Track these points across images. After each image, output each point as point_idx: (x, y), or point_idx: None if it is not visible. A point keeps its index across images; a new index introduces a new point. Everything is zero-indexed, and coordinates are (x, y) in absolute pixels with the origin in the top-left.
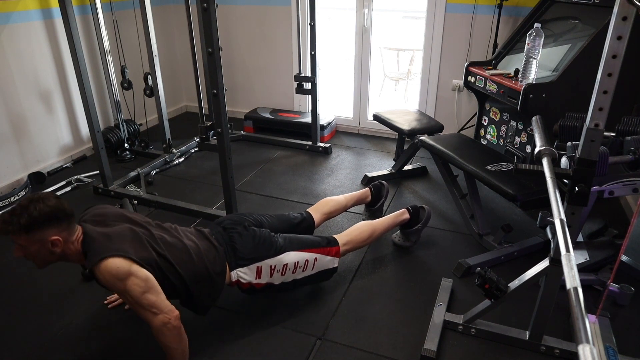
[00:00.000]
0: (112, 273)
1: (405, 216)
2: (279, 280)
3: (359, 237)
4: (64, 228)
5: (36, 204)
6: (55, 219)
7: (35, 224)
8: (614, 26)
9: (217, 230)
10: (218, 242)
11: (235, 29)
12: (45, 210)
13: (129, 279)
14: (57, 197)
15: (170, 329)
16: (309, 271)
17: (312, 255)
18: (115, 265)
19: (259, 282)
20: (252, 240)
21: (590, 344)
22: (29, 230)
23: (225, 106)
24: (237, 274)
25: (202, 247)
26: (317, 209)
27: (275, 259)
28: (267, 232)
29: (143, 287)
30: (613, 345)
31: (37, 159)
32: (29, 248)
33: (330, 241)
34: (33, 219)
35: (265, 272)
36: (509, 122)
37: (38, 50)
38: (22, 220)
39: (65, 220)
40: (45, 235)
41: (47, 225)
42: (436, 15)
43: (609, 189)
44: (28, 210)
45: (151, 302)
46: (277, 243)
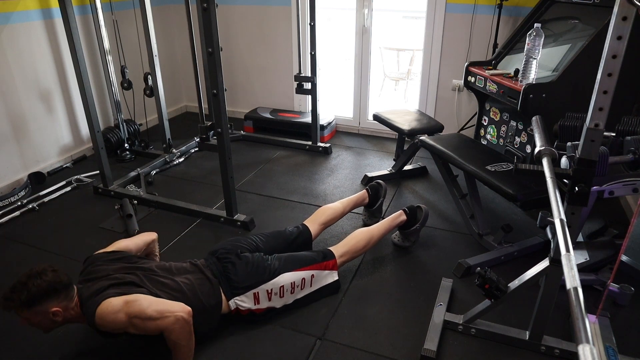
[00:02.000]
0: (108, 311)
1: (402, 218)
2: (279, 303)
3: (355, 246)
4: (62, 299)
5: (34, 280)
6: (53, 292)
7: (35, 300)
8: (614, 26)
9: (211, 262)
10: (212, 273)
11: (235, 29)
12: (43, 285)
13: (127, 306)
14: (54, 270)
15: (183, 325)
16: (307, 289)
17: (308, 273)
18: (108, 304)
19: (259, 307)
20: (245, 268)
21: (590, 344)
22: (30, 306)
23: (225, 106)
24: (235, 303)
25: (195, 283)
26: (314, 220)
27: (270, 282)
28: (259, 257)
29: (145, 303)
30: (613, 345)
31: (37, 159)
32: (32, 320)
33: (326, 255)
34: (32, 296)
35: (263, 297)
36: (509, 122)
37: (38, 50)
38: (23, 297)
39: (63, 292)
40: (45, 308)
41: (46, 299)
42: (436, 15)
43: (609, 189)
44: (27, 287)
45: (159, 310)
46: (271, 266)
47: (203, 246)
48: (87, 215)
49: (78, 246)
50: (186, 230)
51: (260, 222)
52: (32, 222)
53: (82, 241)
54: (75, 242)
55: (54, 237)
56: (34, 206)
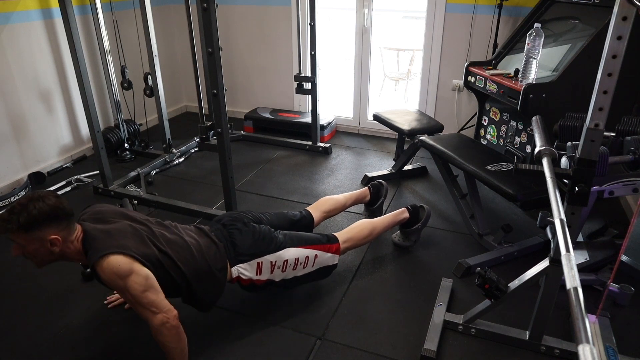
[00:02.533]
0: (113, 270)
1: (405, 215)
2: (279, 276)
3: (359, 234)
4: (63, 227)
5: (35, 202)
6: (54, 217)
7: (34, 223)
8: (614, 26)
9: (216, 227)
10: (218, 238)
11: (235, 29)
12: (44, 209)
13: (130, 277)
14: (57, 196)
15: (169, 328)
16: (309, 268)
17: (312, 252)
18: (116, 262)
19: (260, 278)
20: (252, 236)
21: (590, 344)
22: (28, 229)
23: (225, 106)
24: (237, 270)
25: (202, 244)
26: (316, 207)
27: (275, 254)
28: (267, 229)
29: (143, 286)
30: (613, 345)
31: (37, 159)
32: (28, 247)
33: (331, 238)
34: (32, 218)
35: (266, 268)
36: (509, 122)
37: (38, 50)
38: (21, 218)
39: (64, 220)
40: (44, 234)
41: (46, 224)
42: (436, 15)
43: (609, 189)
44: (27, 209)
45: (151, 301)
46: (277, 239)
47: None
48: None
49: None
50: None
51: None
52: None
53: None
54: None
55: None
56: None
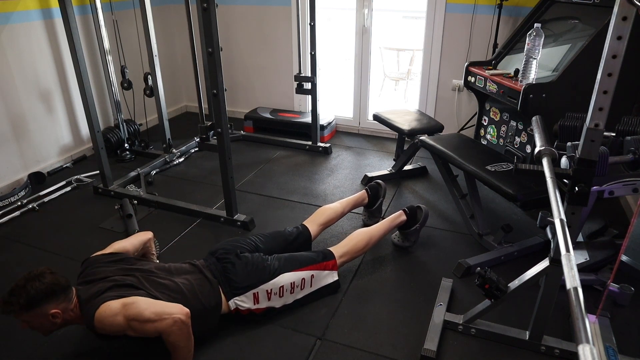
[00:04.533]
0: (107, 314)
1: (402, 218)
2: (279, 302)
3: (355, 247)
4: (61, 301)
5: (32, 282)
6: (52, 294)
7: (33, 303)
8: (614, 26)
9: (211, 262)
10: (212, 274)
11: (235, 29)
12: (41, 288)
13: (125, 309)
14: (52, 272)
15: (181, 326)
16: (307, 289)
17: (308, 273)
18: (106, 307)
19: (259, 307)
20: (245, 268)
21: (590, 344)
22: (29, 309)
23: (225, 106)
24: (235, 303)
25: (194, 283)
26: (313, 220)
27: (270, 283)
28: (259, 257)
29: (142, 305)
30: (613, 345)
31: (37, 159)
32: (32, 322)
33: (326, 255)
34: (31, 299)
35: (263, 296)
36: (509, 122)
37: (38, 50)
38: (22, 300)
39: (61, 294)
40: (45, 310)
41: (45, 302)
42: (436, 15)
43: (609, 189)
44: (26, 290)
45: (157, 312)
46: (271, 267)
47: (203, 246)
48: (87, 215)
49: (78, 246)
50: (186, 230)
51: (260, 222)
52: (32, 222)
53: (82, 241)
54: (75, 242)
55: (54, 237)
56: (34, 206)
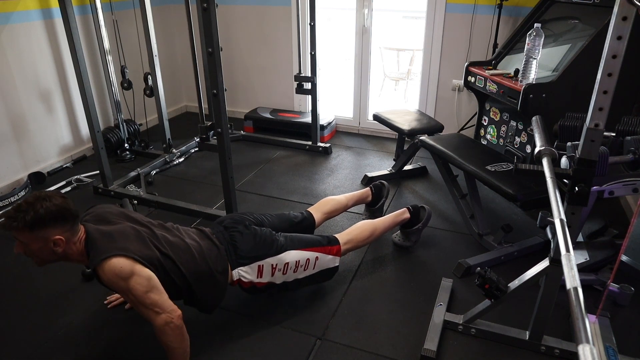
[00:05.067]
0: (115, 272)
1: (406, 215)
2: (280, 279)
3: (359, 236)
4: (68, 228)
5: (43, 201)
6: (60, 218)
7: (40, 222)
8: (614, 26)
9: (218, 230)
10: (219, 241)
11: (235, 29)
12: (51, 208)
13: (132, 278)
14: (64, 197)
15: (173, 328)
16: (310, 270)
17: (313, 254)
18: (118, 264)
19: (261, 281)
20: (253, 238)
21: (590, 344)
22: (34, 228)
23: (225, 106)
24: (238, 273)
25: (204, 246)
26: (317, 208)
27: (276, 257)
28: (268, 231)
29: (146, 286)
30: (613, 345)
31: (37, 159)
32: (31, 245)
33: (331, 240)
34: (39, 217)
35: (267, 271)
36: (509, 122)
37: (38, 50)
38: (28, 216)
39: (70, 221)
40: (48, 234)
41: (51, 224)
42: (436, 15)
43: (609, 189)
44: (34, 207)
45: (154, 302)
46: (278, 241)
47: None
48: None
49: None
50: None
51: None
52: None
53: None
54: None
55: None
56: None
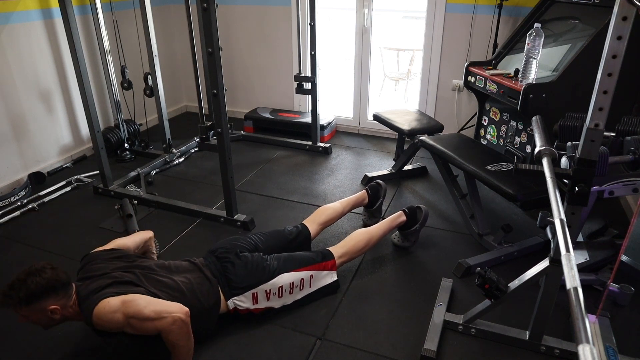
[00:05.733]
0: (106, 311)
1: (402, 219)
2: (278, 303)
3: (354, 247)
4: (61, 297)
5: (33, 277)
6: (52, 290)
7: (33, 297)
8: (614, 26)
9: (210, 261)
10: (212, 273)
11: (235, 29)
12: (42, 283)
13: (124, 306)
14: (53, 268)
15: (180, 326)
16: (307, 289)
17: (307, 273)
18: (106, 304)
19: (257, 307)
20: (244, 268)
21: (590, 344)
22: (29, 303)
23: (225, 106)
24: (233, 303)
25: (194, 282)
26: (313, 220)
27: (269, 283)
28: (259, 257)
29: (142, 303)
30: (613, 345)
31: (37, 159)
32: (31, 317)
33: (325, 255)
34: (31, 293)
35: (262, 297)
36: (509, 122)
37: (38, 50)
38: (21, 294)
39: (61, 290)
40: (44, 306)
41: (45, 297)
42: (436, 15)
43: (609, 189)
44: (26, 284)
45: (157, 310)
46: (270, 267)
47: (203, 246)
48: (87, 215)
49: (78, 246)
50: (186, 230)
51: (260, 222)
52: (32, 222)
53: (82, 241)
54: (75, 242)
55: (54, 237)
56: (34, 206)
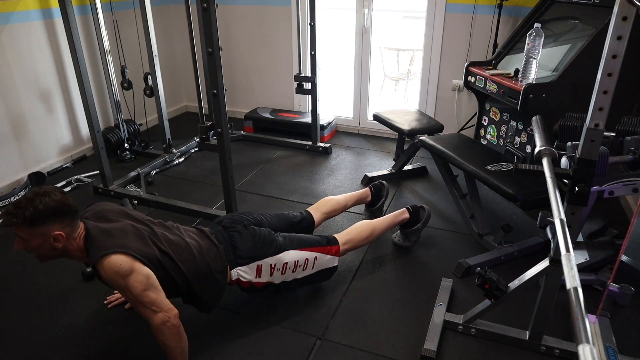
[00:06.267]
0: (114, 270)
1: (405, 215)
2: (279, 279)
3: (358, 236)
4: (67, 224)
5: (42, 197)
6: (60, 213)
7: (39, 218)
8: (614, 26)
9: (217, 229)
10: (218, 240)
11: (235, 29)
12: (50, 204)
13: (131, 276)
14: (63, 192)
15: (170, 327)
16: (309, 270)
17: (312, 254)
18: (117, 262)
19: (259, 281)
20: (252, 238)
21: (590, 344)
22: (33, 224)
23: (225, 106)
24: (237, 273)
25: (203, 246)
26: (317, 208)
27: (275, 257)
28: (267, 231)
29: (144, 285)
30: (613, 345)
31: (37, 159)
32: (31, 242)
33: (330, 240)
34: (38, 212)
35: (266, 270)
36: (509, 122)
37: (38, 50)
38: (27, 212)
39: (69, 216)
40: (48, 230)
41: (51, 220)
42: (436, 15)
43: (609, 189)
44: (33, 203)
45: (151, 300)
46: (277, 242)
47: None
48: None
49: None
50: None
51: None
52: None
53: None
54: None
55: None
56: None
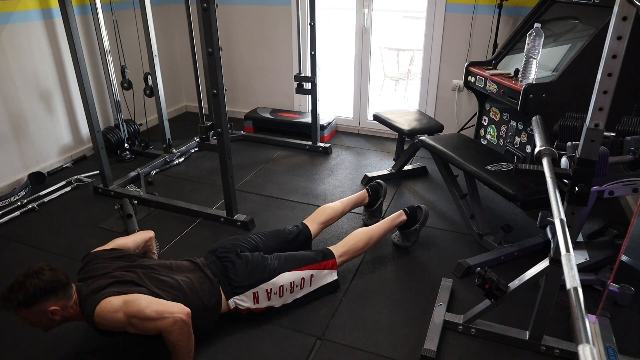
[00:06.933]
0: (107, 310)
1: (402, 218)
2: (279, 302)
3: (355, 246)
4: (60, 297)
5: (31, 279)
6: (51, 291)
7: (32, 299)
8: (614, 26)
9: (211, 260)
10: (212, 272)
11: (235, 29)
12: (40, 285)
13: (126, 305)
14: (51, 269)
15: (182, 326)
16: (307, 288)
17: (307, 273)
18: (107, 303)
19: (258, 306)
20: (245, 267)
21: (590, 344)
22: (28, 305)
23: (225, 106)
24: (234, 302)
25: (195, 281)
26: (313, 219)
27: (270, 282)
28: (259, 257)
29: (144, 303)
30: (613, 345)
31: (37, 159)
32: (31, 319)
33: (326, 254)
34: (30, 295)
35: (262, 296)
36: (509, 122)
37: (38, 50)
38: (20, 297)
39: (61, 291)
40: (43, 307)
41: (43, 299)
42: (436, 15)
43: (609, 189)
44: (24, 287)
45: (158, 310)
46: (271, 266)
47: (203, 246)
48: (87, 215)
49: (78, 246)
50: (186, 230)
51: (260, 222)
52: (32, 222)
53: (82, 241)
54: (75, 242)
55: (54, 237)
56: (34, 206)
